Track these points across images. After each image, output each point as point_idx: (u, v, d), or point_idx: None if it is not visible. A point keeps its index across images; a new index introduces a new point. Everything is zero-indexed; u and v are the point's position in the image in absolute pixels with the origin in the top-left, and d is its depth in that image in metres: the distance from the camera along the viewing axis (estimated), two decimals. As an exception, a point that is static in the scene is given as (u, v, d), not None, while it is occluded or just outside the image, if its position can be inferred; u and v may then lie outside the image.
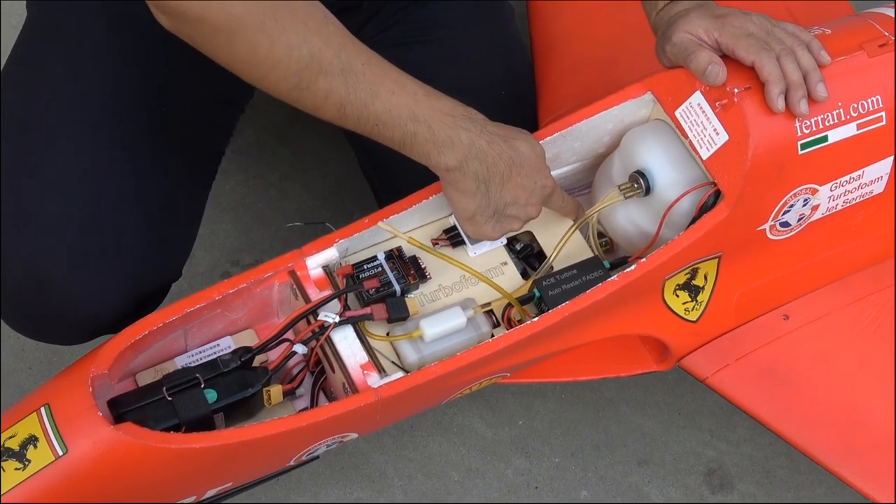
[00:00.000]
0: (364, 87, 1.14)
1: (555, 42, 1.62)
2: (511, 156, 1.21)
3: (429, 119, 1.17)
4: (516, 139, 1.23)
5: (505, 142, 1.21)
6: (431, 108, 1.17)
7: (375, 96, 1.14)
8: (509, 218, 1.25)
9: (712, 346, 1.37)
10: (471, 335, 1.26)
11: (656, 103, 1.31)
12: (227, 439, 1.13)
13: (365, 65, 1.14)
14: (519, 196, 1.23)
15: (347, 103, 1.14)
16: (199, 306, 1.20)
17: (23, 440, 1.12)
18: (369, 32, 1.46)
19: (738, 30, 1.23)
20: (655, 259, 1.26)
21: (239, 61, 1.12)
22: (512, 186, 1.22)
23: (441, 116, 1.17)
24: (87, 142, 1.26)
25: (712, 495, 1.65)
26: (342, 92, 1.13)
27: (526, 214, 1.26)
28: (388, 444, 1.64)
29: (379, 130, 1.17)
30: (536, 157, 1.24)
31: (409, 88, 1.17)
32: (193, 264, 1.74)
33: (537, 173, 1.24)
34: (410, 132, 1.17)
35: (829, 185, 1.32)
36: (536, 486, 1.64)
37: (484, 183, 1.21)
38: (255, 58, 1.11)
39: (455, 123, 1.18)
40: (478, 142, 1.19)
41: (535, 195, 1.25)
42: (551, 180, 1.27)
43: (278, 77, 1.12)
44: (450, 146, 1.18)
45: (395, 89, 1.16)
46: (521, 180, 1.23)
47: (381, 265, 1.28)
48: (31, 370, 1.66)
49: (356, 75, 1.13)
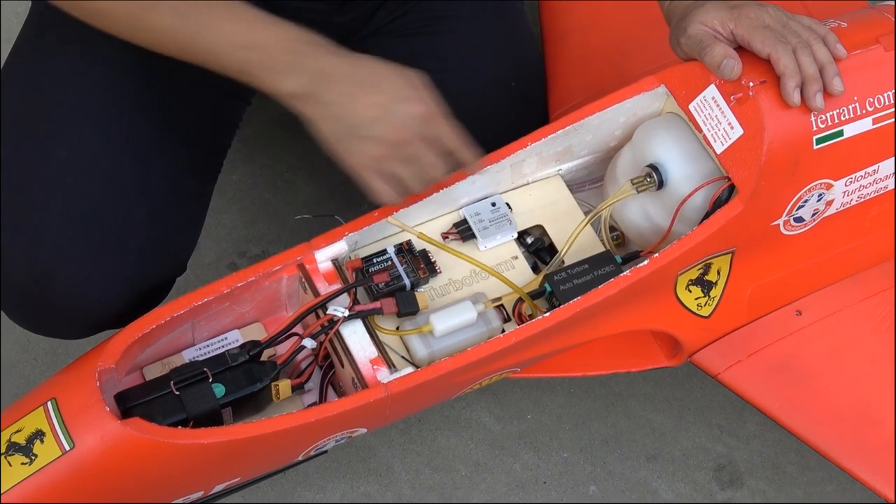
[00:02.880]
0: (195, 17, 1.13)
1: (566, 33, 1.61)
2: (360, 74, 1.15)
3: (267, 45, 1.14)
4: (378, 61, 1.18)
5: (353, 61, 1.16)
6: (270, 35, 1.14)
7: (208, 27, 1.14)
8: (365, 139, 1.17)
9: (724, 341, 1.37)
10: (481, 330, 1.25)
11: (670, 96, 1.30)
12: (235, 435, 1.12)
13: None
14: (371, 112, 1.15)
15: (180, 34, 1.14)
16: (206, 300, 1.19)
17: (29, 435, 1.11)
18: (378, 23, 1.45)
19: (755, 21, 1.22)
20: (668, 254, 1.25)
21: (79, 10, 1.17)
22: (361, 104, 1.15)
23: (281, 42, 1.14)
24: (90, 135, 1.25)
25: (721, 491, 1.64)
26: (176, 24, 1.14)
27: (384, 134, 1.16)
28: (395, 437, 1.64)
29: (215, 59, 1.15)
30: (405, 80, 1.17)
31: (243, 16, 1.15)
32: (200, 255, 1.73)
33: (403, 93, 1.16)
34: (246, 59, 1.14)
35: (844, 179, 1.31)
36: (545, 481, 1.63)
37: (332, 105, 1.15)
38: (89, 6, 1.15)
39: (296, 49, 1.15)
40: (321, 65, 1.15)
41: (397, 115, 1.16)
42: (427, 106, 1.18)
43: (112, 18, 1.15)
44: (288, 71, 1.14)
45: (230, 17, 1.14)
46: (373, 96, 1.15)
47: (390, 259, 1.27)
48: (36, 361, 1.65)
49: (187, 6, 1.13)
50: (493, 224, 1.32)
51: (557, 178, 1.38)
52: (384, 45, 1.46)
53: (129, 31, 1.16)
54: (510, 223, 1.32)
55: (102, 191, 1.24)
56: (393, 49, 1.46)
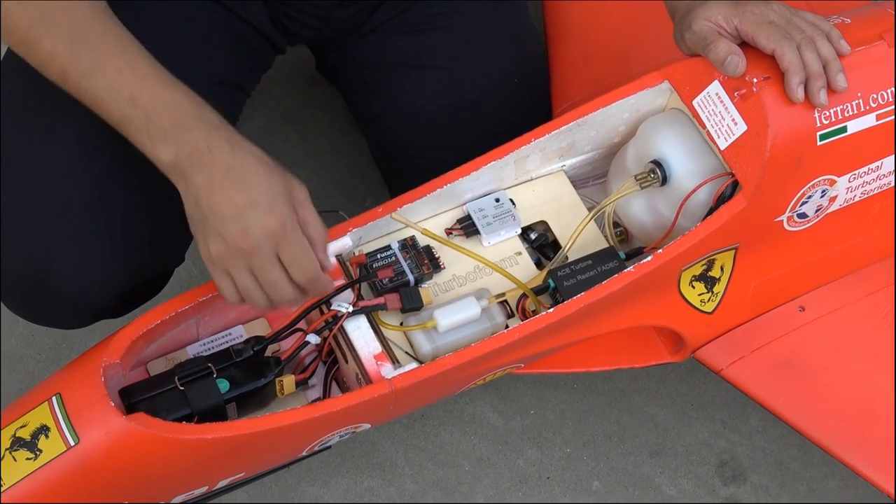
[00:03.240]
0: (89, 57, 1.09)
1: (569, 29, 1.61)
2: (229, 163, 1.08)
3: (148, 106, 1.08)
4: (252, 154, 1.09)
5: (231, 147, 1.09)
6: (155, 96, 1.09)
7: (99, 70, 1.09)
8: (214, 234, 1.09)
9: (727, 337, 1.37)
10: (485, 326, 1.25)
11: (673, 92, 1.30)
12: (239, 430, 1.12)
13: (98, 37, 1.10)
14: (224, 208, 1.07)
15: (69, 70, 1.10)
16: (211, 295, 1.19)
17: (34, 430, 1.11)
18: (380, 18, 1.45)
19: (759, 17, 1.22)
20: (672, 250, 1.25)
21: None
22: (219, 196, 1.07)
23: (162, 107, 1.09)
24: (87, 125, 1.25)
25: (724, 487, 1.64)
26: (66, 55, 1.10)
27: (230, 236, 1.08)
28: (398, 432, 1.64)
29: (98, 106, 1.11)
30: (269, 182, 1.08)
31: (140, 71, 1.09)
32: (203, 250, 1.73)
33: (260, 197, 1.08)
34: (127, 116, 1.10)
35: (848, 176, 1.31)
36: (548, 477, 1.63)
37: (196, 187, 1.09)
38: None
39: (177, 118, 1.08)
40: (195, 141, 1.08)
41: (247, 220, 1.07)
42: (282, 222, 1.08)
43: (7, 28, 1.11)
44: (163, 139, 1.08)
45: (124, 68, 1.09)
46: (231, 192, 1.07)
47: (394, 255, 1.27)
48: (40, 356, 1.65)
49: (84, 44, 1.09)
50: (496, 220, 1.32)
51: (561, 173, 1.38)
52: (386, 42, 1.46)
53: (22, 45, 1.11)
54: (514, 219, 1.32)
55: (100, 179, 1.24)
56: (395, 45, 1.47)
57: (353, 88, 1.54)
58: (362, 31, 1.46)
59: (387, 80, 1.48)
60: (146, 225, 1.27)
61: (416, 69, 1.46)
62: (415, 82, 1.46)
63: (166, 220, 1.29)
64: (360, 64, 1.49)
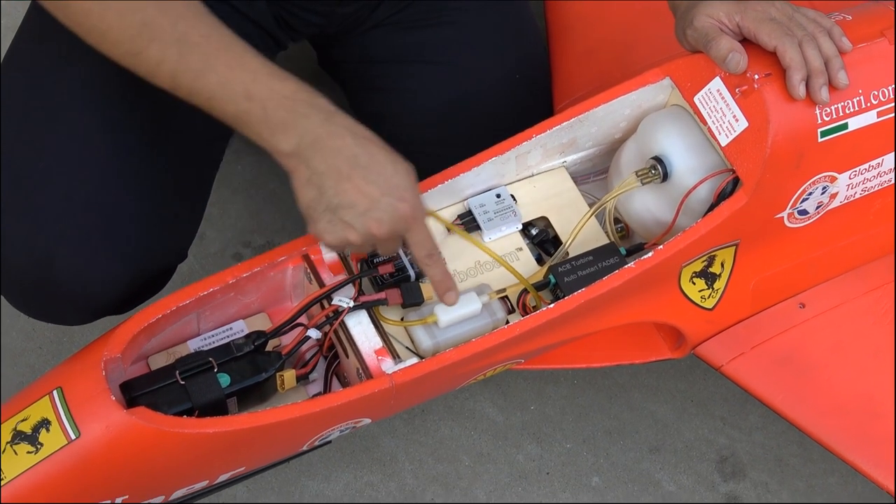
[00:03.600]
0: (198, 58, 1.10)
1: (570, 25, 1.61)
2: (355, 153, 1.11)
3: (264, 99, 1.11)
4: (372, 142, 1.13)
5: (353, 137, 1.12)
6: (270, 89, 1.11)
7: (210, 69, 1.11)
8: (343, 223, 1.12)
9: (728, 333, 1.37)
10: (486, 321, 1.25)
11: (674, 89, 1.30)
12: (240, 424, 1.12)
13: (204, 37, 1.11)
14: (357, 200, 1.11)
15: (180, 73, 1.11)
16: (212, 290, 1.20)
17: (35, 423, 1.11)
18: (382, 14, 1.45)
19: (761, 14, 1.22)
20: (673, 246, 1.25)
21: (75, 25, 1.12)
22: (349, 187, 1.11)
23: (278, 98, 1.11)
24: (90, 121, 1.26)
25: (724, 483, 1.64)
26: (175, 61, 1.10)
27: (364, 226, 1.12)
28: (399, 427, 1.64)
29: (212, 104, 1.12)
30: (395, 170, 1.13)
31: (249, 66, 1.11)
32: (204, 245, 1.74)
33: (391, 188, 1.12)
34: (244, 110, 1.11)
35: (848, 173, 1.31)
36: (548, 472, 1.63)
37: (318, 174, 1.11)
38: (89, 22, 1.11)
39: (293, 108, 1.11)
40: (315, 129, 1.11)
41: (381, 210, 1.12)
42: (411, 207, 1.13)
43: (112, 42, 1.12)
44: (283, 130, 1.11)
45: (234, 65, 1.11)
46: (362, 184, 1.11)
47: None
48: (41, 350, 1.66)
49: (191, 46, 1.10)
50: (497, 215, 1.32)
51: (562, 169, 1.38)
52: (388, 37, 1.46)
53: (129, 57, 1.12)
54: (515, 215, 1.32)
55: (102, 175, 1.24)
56: (397, 41, 1.47)
57: (355, 84, 1.54)
58: (365, 27, 1.46)
59: (389, 76, 1.48)
60: (151, 223, 1.27)
61: (418, 65, 1.46)
62: (417, 78, 1.46)
63: (169, 216, 1.30)
64: (362, 59, 1.49)
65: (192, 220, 1.36)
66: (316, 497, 1.59)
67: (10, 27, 1.84)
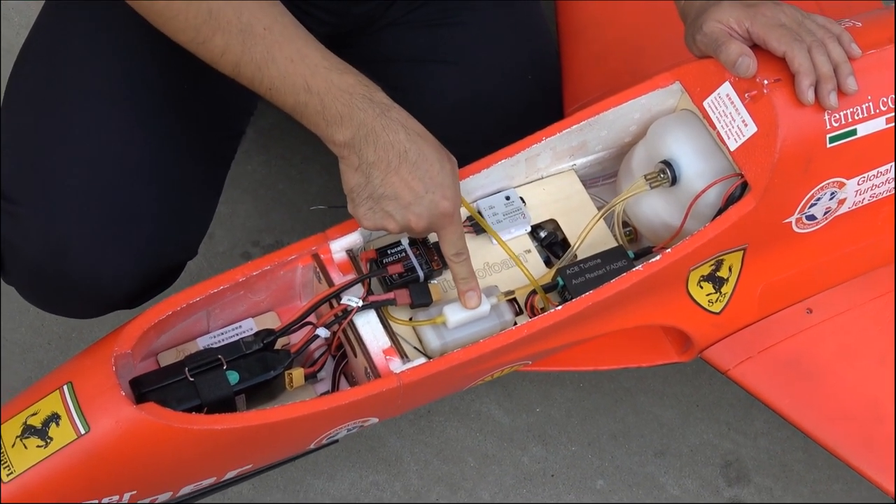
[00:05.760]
0: (261, 50, 1.14)
1: (581, 28, 1.61)
2: (406, 148, 1.16)
3: (322, 92, 1.15)
4: (424, 139, 1.18)
5: (406, 133, 1.17)
6: (328, 82, 1.15)
7: (272, 61, 1.14)
8: (384, 212, 1.18)
9: (735, 338, 1.37)
10: (494, 322, 1.26)
11: (684, 93, 1.31)
12: (248, 421, 1.13)
13: (267, 29, 1.14)
14: (401, 193, 1.17)
15: (243, 63, 1.15)
16: (222, 287, 1.20)
17: (45, 418, 1.12)
18: (395, 13, 1.46)
19: (770, 20, 1.23)
20: (680, 250, 1.25)
21: (143, 9, 1.16)
22: (396, 180, 1.16)
23: (336, 91, 1.15)
24: (106, 116, 1.26)
25: (728, 488, 1.64)
26: (238, 51, 1.14)
27: (404, 218, 1.18)
28: (405, 428, 1.64)
29: (272, 95, 1.16)
30: (441, 168, 1.18)
31: (310, 59, 1.15)
32: (213, 244, 1.74)
33: (436, 185, 1.17)
34: (302, 102, 1.16)
35: (857, 178, 1.31)
36: (552, 474, 1.64)
37: (367, 164, 1.17)
38: (156, 8, 1.14)
39: (350, 101, 1.15)
40: (371, 123, 1.15)
41: (423, 205, 1.18)
42: (452, 205, 1.19)
43: (177, 28, 1.15)
44: (339, 122, 1.15)
45: (295, 58, 1.15)
46: (409, 178, 1.16)
47: (404, 250, 1.27)
48: (49, 345, 1.66)
49: (255, 37, 1.14)
50: (506, 217, 1.32)
51: (571, 172, 1.38)
52: (402, 37, 1.47)
53: (194, 45, 1.16)
54: (524, 217, 1.33)
55: (115, 170, 1.25)
56: (410, 41, 1.47)
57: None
58: (378, 26, 1.46)
59: (402, 75, 1.48)
60: (160, 216, 1.28)
61: (430, 64, 1.47)
62: (430, 77, 1.47)
63: (180, 212, 1.30)
64: (375, 59, 1.49)
65: (204, 218, 1.37)
66: (321, 496, 1.60)
67: (23, 25, 1.85)
